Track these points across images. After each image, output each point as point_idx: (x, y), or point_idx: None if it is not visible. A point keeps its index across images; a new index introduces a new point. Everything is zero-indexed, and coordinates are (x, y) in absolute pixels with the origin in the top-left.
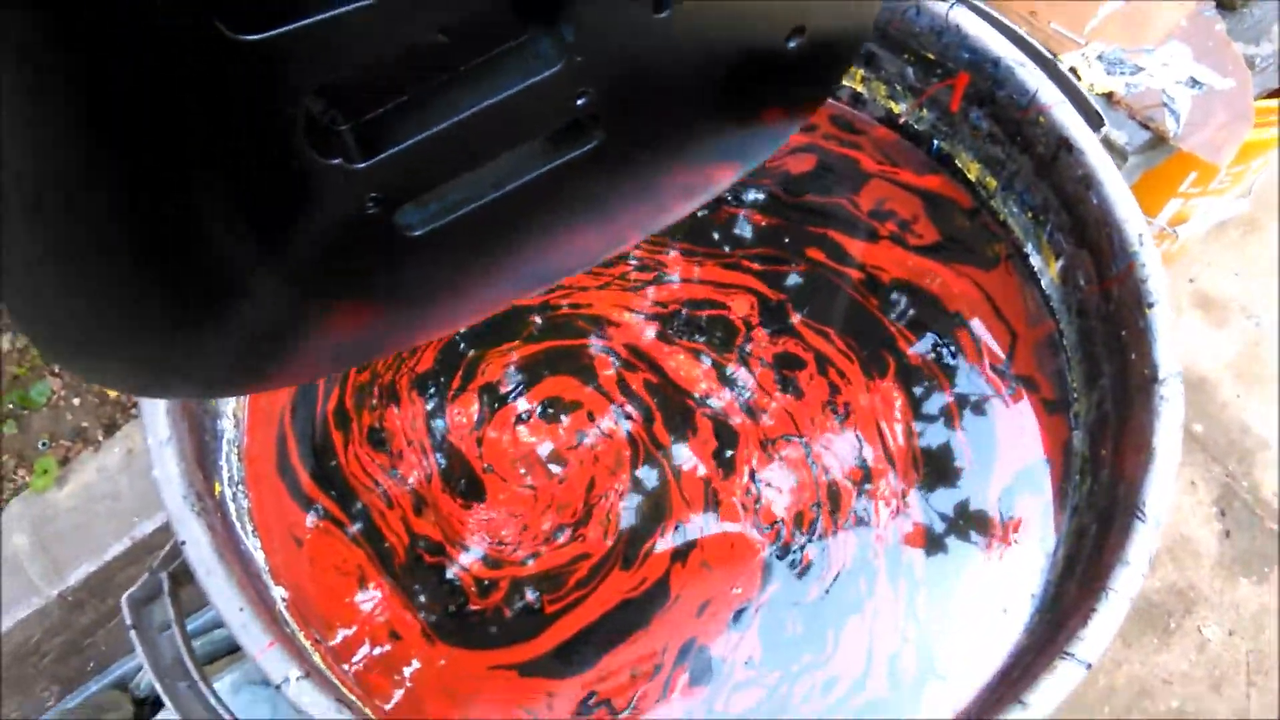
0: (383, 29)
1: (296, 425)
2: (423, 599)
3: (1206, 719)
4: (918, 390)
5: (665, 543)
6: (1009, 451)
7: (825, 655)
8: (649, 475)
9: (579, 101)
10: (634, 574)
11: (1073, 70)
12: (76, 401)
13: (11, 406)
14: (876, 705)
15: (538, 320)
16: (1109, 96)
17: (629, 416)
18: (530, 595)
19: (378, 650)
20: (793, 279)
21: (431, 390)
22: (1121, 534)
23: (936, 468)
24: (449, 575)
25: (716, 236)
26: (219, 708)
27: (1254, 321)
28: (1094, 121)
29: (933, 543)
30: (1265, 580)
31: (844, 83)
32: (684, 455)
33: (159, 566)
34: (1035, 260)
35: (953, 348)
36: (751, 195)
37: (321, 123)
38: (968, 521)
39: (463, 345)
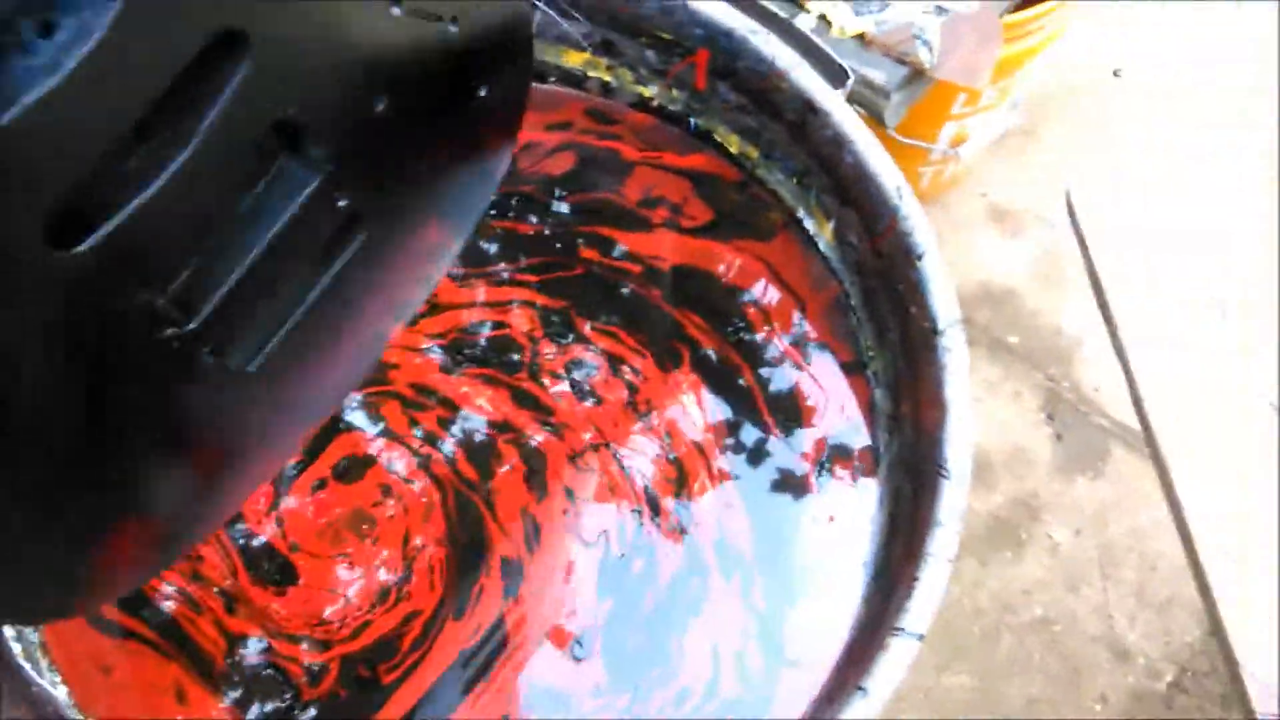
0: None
1: None
2: (252, 703)
3: (1069, 620)
4: (718, 375)
5: (493, 581)
6: (819, 421)
7: (672, 666)
8: (463, 514)
9: (340, 203)
10: (467, 622)
11: (822, 17)
12: None
13: None
14: (732, 706)
15: None
16: (862, 37)
17: (429, 458)
18: (364, 670)
19: None
20: (570, 284)
21: None
22: (930, 493)
23: (747, 451)
24: (275, 671)
25: (486, 254)
26: None
27: (1048, 225)
28: (838, 78)
29: (757, 526)
30: (1101, 475)
31: (590, 74)
32: (494, 486)
33: None
34: (809, 224)
35: (745, 325)
36: (514, 206)
37: (149, 306)
38: (789, 495)
39: None
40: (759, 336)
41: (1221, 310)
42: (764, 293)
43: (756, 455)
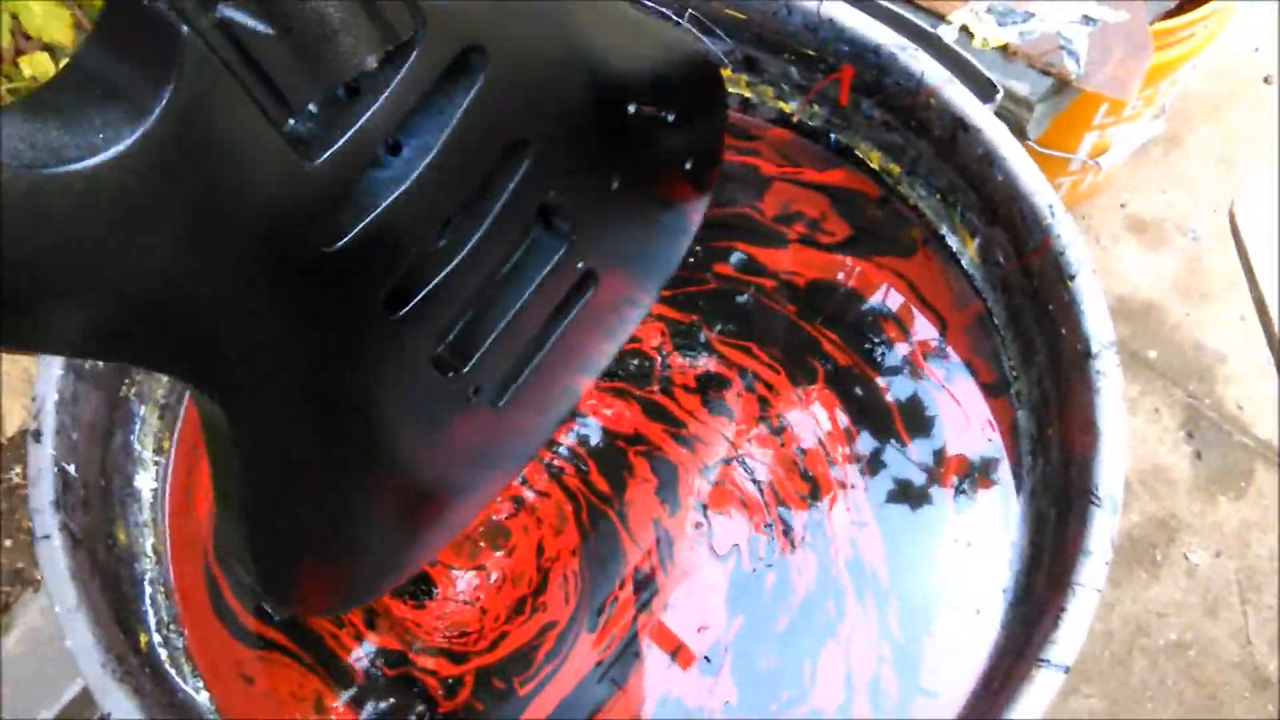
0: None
1: (224, 566)
2: (389, 716)
3: (1206, 645)
4: (853, 392)
5: (626, 593)
6: (957, 441)
7: (803, 689)
8: (596, 526)
9: (579, 265)
10: (601, 634)
11: (964, 29)
12: (8, 543)
13: None
14: None
15: None
16: (1005, 49)
17: (562, 470)
18: (499, 681)
19: None
20: (701, 298)
21: None
22: (1079, 521)
23: (885, 471)
24: (412, 684)
25: None
26: None
27: (1190, 236)
28: (986, 92)
29: (891, 548)
30: (1243, 495)
31: (730, 90)
32: (627, 498)
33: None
34: (952, 241)
35: (882, 342)
36: None
37: (439, 354)
38: (925, 517)
39: None
40: (897, 354)
41: None
42: (903, 309)
43: (892, 475)
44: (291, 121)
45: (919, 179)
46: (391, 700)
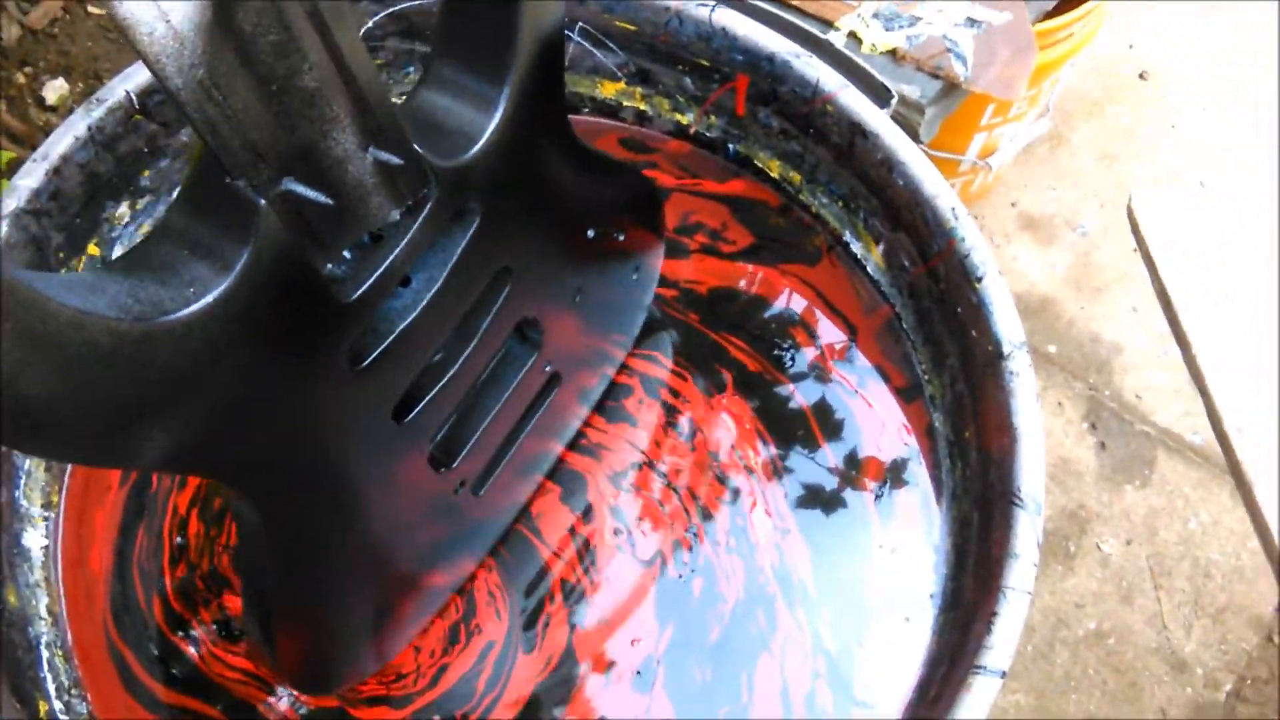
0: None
1: (127, 637)
2: None
3: (1123, 632)
4: (764, 398)
5: (558, 607)
6: (873, 445)
7: (742, 704)
8: (508, 541)
9: (546, 369)
10: (538, 656)
11: (852, 35)
12: None
13: None
14: None
15: None
16: (893, 53)
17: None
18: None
19: None
20: None
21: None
22: (1004, 523)
23: (801, 477)
24: None
25: None
26: None
27: (1080, 231)
28: (881, 97)
29: (816, 555)
30: (1148, 483)
31: (625, 104)
32: (534, 511)
33: None
34: (857, 248)
35: (790, 347)
36: None
37: (431, 455)
38: (847, 524)
39: None
40: (805, 359)
41: None
42: (809, 315)
43: (809, 481)
44: (330, 265)
45: (820, 186)
46: None
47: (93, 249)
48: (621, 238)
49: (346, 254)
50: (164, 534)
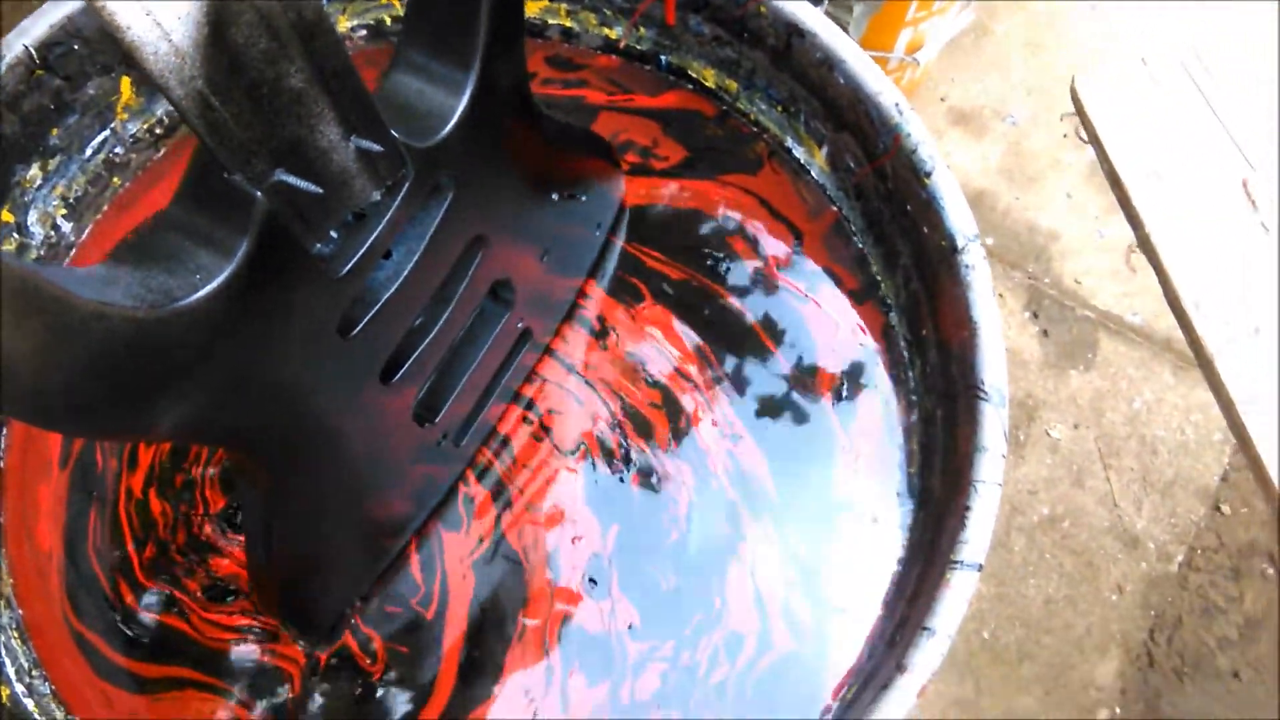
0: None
1: (86, 617)
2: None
3: (1077, 515)
4: (702, 309)
5: (481, 491)
6: (829, 349)
7: (715, 611)
8: None
9: (519, 325)
10: (468, 535)
11: None
12: None
13: None
14: (790, 661)
15: None
16: None
17: None
18: (396, 609)
19: None
20: None
21: (240, 519)
22: (969, 417)
23: (752, 386)
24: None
25: None
26: None
27: (1009, 121)
28: None
29: (778, 462)
30: (1092, 366)
31: (551, 21)
32: None
33: None
34: (799, 153)
35: (728, 256)
36: None
37: (416, 412)
38: (805, 428)
39: None
40: (746, 269)
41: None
42: (750, 224)
43: (761, 389)
44: (318, 245)
45: (758, 92)
46: (326, 687)
47: (5, 215)
48: (584, 199)
49: (333, 234)
50: (120, 518)
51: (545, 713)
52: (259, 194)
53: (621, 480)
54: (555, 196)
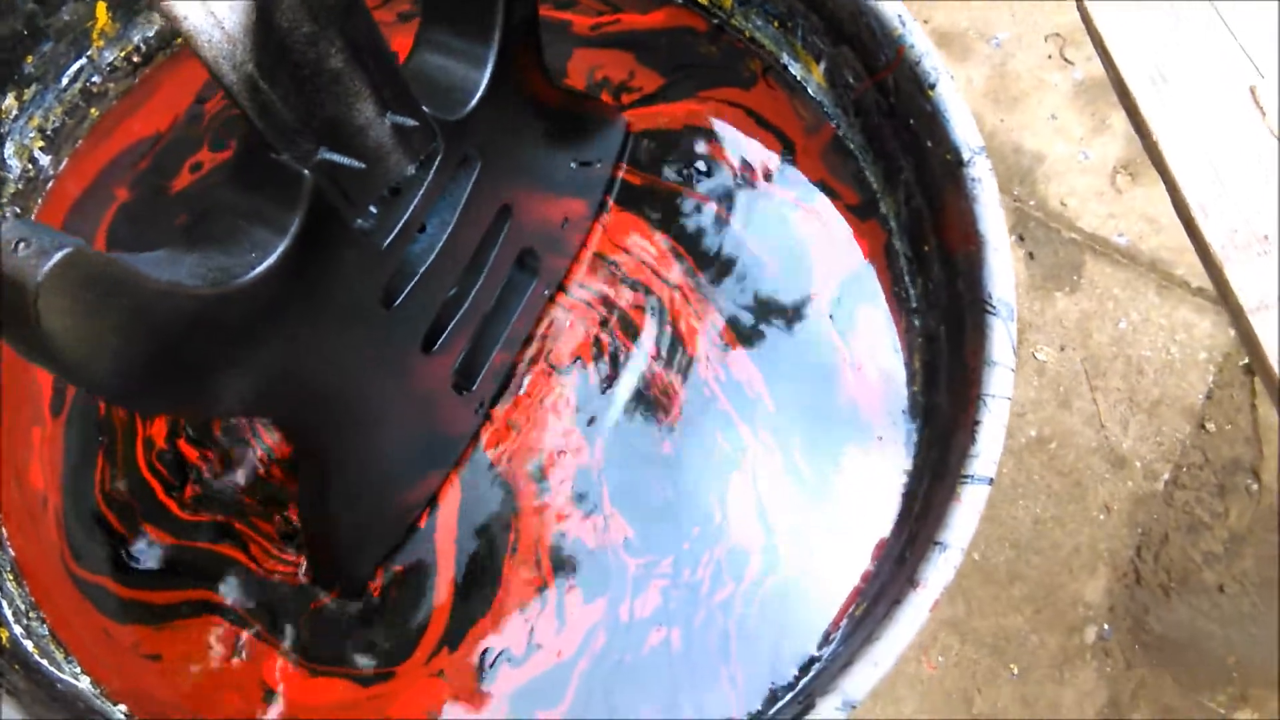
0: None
1: (90, 559)
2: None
3: (1064, 436)
4: (667, 211)
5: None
6: (824, 260)
7: (716, 525)
8: None
9: (546, 291)
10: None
11: None
12: None
13: None
14: (797, 578)
15: None
16: None
17: None
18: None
19: None
20: None
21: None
22: (977, 332)
23: (740, 295)
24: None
25: None
26: None
27: (993, 43)
28: None
29: (773, 374)
30: (1077, 288)
31: None
32: None
33: None
34: (795, 69)
35: (703, 165)
36: None
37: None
38: (806, 345)
39: None
40: (725, 172)
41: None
42: (734, 134)
43: (749, 300)
44: (359, 220)
45: (753, 8)
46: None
47: None
48: (599, 165)
49: (372, 209)
50: (139, 463)
51: (542, 631)
52: (306, 172)
53: (608, 390)
54: (573, 165)
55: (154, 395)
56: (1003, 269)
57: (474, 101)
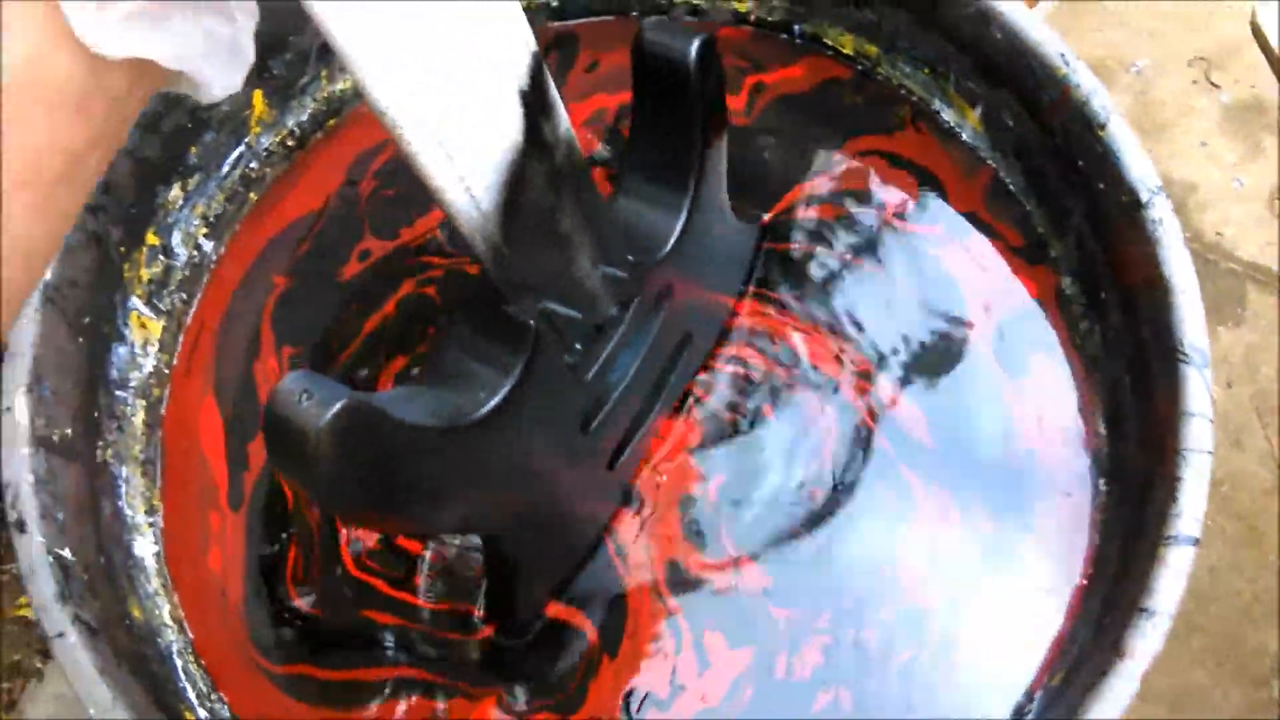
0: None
1: (273, 648)
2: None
3: (1237, 477)
4: (805, 259)
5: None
6: (984, 301)
7: (885, 578)
8: None
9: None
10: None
11: None
12: None
13: None
14: (984, 648)
15: None
16: None
17: None
18: None
19: None
20: None
21: None
22: (1169, 381)
23: (891, 325)
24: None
25: None
26: None
27: (1133, 70)
28: None
29: (938, 425)
30: (1242, 321)
31: (676, 0)
32: None
33: None
34: (948, 116)
35: (849, 212)
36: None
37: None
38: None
39: None
40: (874, 224)
41: None
42: (877, 183)
43: (909, 342)
44: (567, 356)
45: (901, 55)
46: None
47: (151, 238)
48: (753, 286)
49: (578, 345)
50: (345, 559)
51: (683, 670)
52: (532, 322)
53: (735, 421)
54: (740, 288)
55: (384, 518)
56: (1193, 314)
57: (669, 247)
